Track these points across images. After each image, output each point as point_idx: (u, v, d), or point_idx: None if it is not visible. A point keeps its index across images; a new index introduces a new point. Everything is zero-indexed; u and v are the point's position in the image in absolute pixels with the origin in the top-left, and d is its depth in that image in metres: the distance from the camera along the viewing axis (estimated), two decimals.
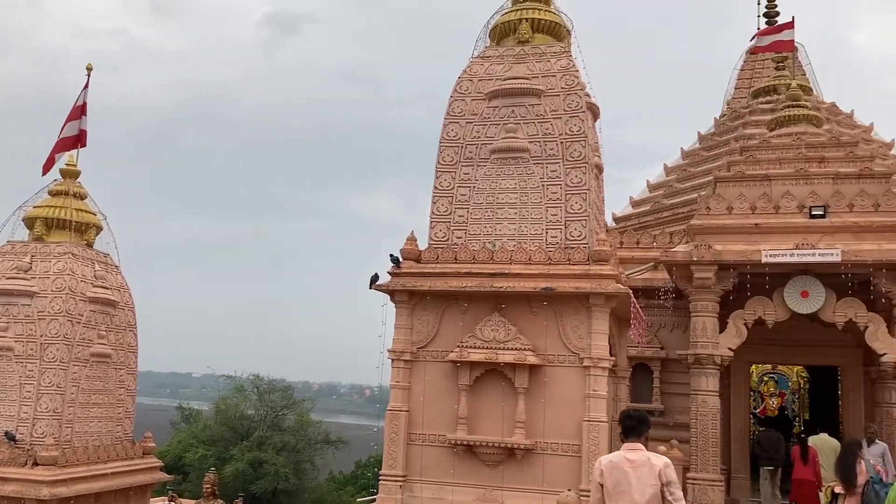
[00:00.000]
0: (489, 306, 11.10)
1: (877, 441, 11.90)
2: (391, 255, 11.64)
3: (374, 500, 11.44)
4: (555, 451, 10.56)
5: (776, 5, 24.34)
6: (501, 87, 12.06)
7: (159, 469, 14.02)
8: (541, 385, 10.72)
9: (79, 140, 13.98)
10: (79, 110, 14.00)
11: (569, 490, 9.55)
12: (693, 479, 13.36)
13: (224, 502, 12.25)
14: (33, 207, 13.64)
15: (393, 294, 11.55)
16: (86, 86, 14.14)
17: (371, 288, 11.67)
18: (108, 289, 13.35)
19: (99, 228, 13.99)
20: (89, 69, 14.09)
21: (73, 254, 13.10)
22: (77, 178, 14.12)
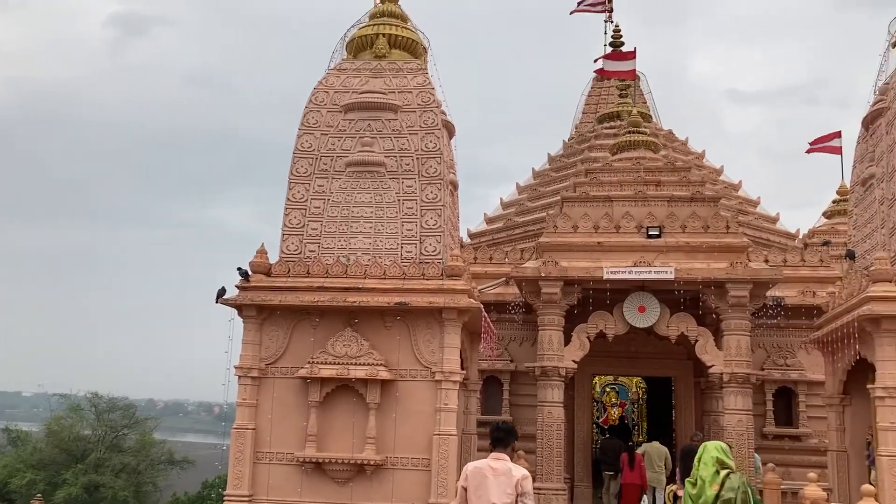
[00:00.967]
0: (342, 321, 11.00)
1: None
2: (239, 269, 11.29)
3: None
4: (405, 465, 10.58)
5: (621, 35, 25.85)
6: (358, 101, 12.05)
7: None
8: (392, 400, 10.72)
9: None
10: None
11: None
12: (538, 488, 13.77)
13: None
14: None
15: (241, 309, 11.21)
16: None
17: (218, 302, 11.27)
18: None
19: None
20: None
21: None
22: None
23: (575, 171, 20.62)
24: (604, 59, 21.56)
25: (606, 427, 22.67)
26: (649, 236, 14.62)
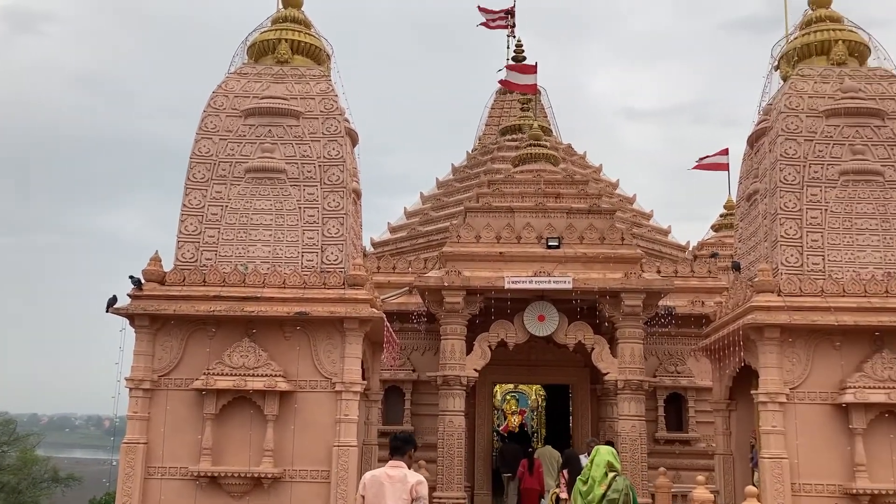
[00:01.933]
0: (239, 331, 10.72)
1: None
2: (131, 277, 10.84)
3: None
4: (304, 478, 10.38)
5: (523, 50, 26.42)
6: (259, 106, 11.82)
7: None
8: (291, 411, 10.52)
9: None
10: None
11: None
12: (439, 497, 13.81)
13: None
14: None
15: (133, 318, 10.76)
16: None
17: (108, 311, 10.79)
18: None
19: None
20: None
21: None
22: None
23: (478, 181, 20.87)
24: (507, 70, 21.98)
25: (505, 434, 23.01)
26: (549, 247, 14.95)
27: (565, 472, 9.55)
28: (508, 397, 26.86)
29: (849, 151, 11.14)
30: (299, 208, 11.37)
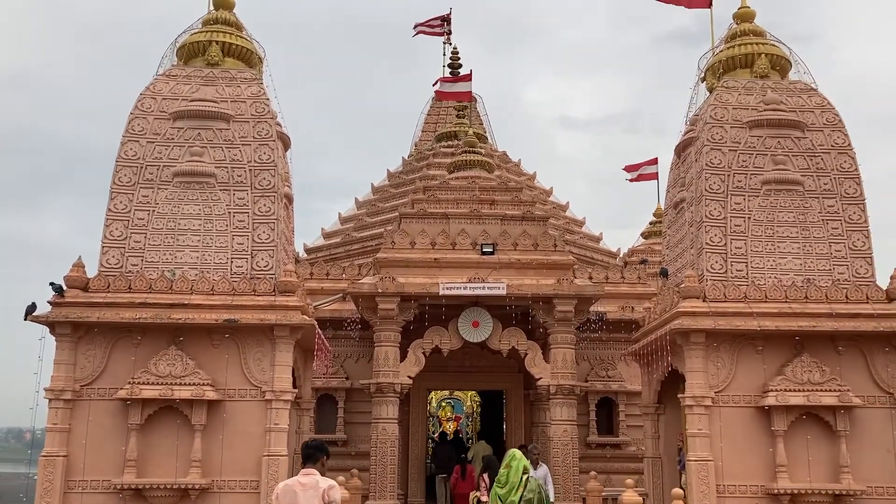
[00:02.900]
0: (166, 339, 10.45)
1: (540, 463, 12.52)
2: (52, 283, 10.47)
3: None
4: (232, 488, 10.17)
5: (459, 57, 26.52)
6: (188, 108, 11.56)
7: None
8: (220, 421, 10.29)
9: None
10: None
11: None
12: None
13: None
14: None
15: (53, 326, 10.38)
16: None
17: (27, 319, 10.38)
18: None
19: None
20: None
21: None
22: None
23: (413, 187, 20.85)
24: (441, 81, 22.05)
25: (436, 435, 22.97)
26: (483, 253, 15.01)
27: (485, 476, 9.77)
28: (444, 404, 26.90)
29: (770, 162, 11.51)
30: (229, 213, 11.16)
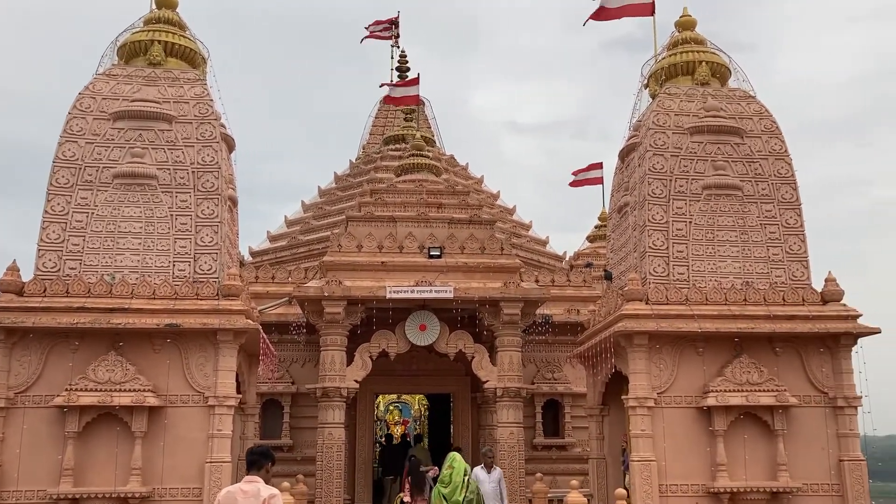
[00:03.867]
0: (105, 345, 10.19)
1: (495, 467, 12.21)
2: None
3: None
4: (174, 496, 9.96)
5: (407, 61, 26.54)
6: (129, 109, 11.32)
7: None
8: (161, 427, 10.08)
9: None
10: None
11: None
12: None
13: None
14: None
15: None
16: None
17: None
18: None
19: None
20: None
21: None
22: None
23: (361, 190, 20.76)
24: (389, 86, 22.02)
25: (383, 438, 22.90)
26: (430, 256, 15.03)
27: (410, 478, 10.19)
28: (392, 408, 26.78)
29: (711, 167, 11.79)
30: (171, 216, 10.95)
